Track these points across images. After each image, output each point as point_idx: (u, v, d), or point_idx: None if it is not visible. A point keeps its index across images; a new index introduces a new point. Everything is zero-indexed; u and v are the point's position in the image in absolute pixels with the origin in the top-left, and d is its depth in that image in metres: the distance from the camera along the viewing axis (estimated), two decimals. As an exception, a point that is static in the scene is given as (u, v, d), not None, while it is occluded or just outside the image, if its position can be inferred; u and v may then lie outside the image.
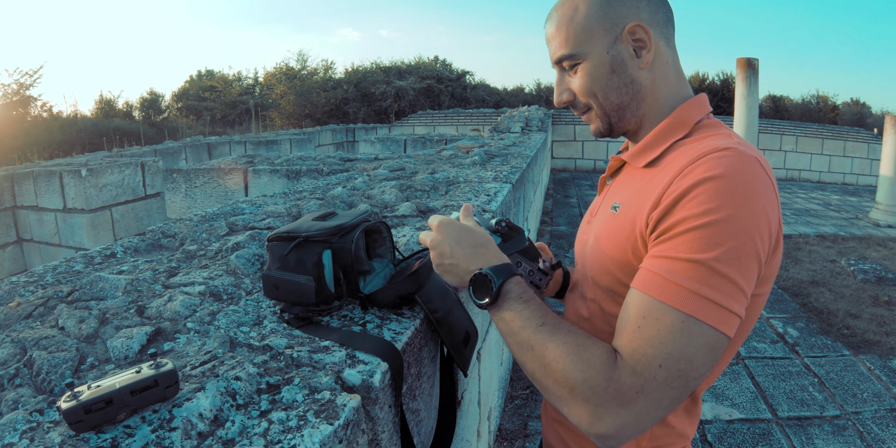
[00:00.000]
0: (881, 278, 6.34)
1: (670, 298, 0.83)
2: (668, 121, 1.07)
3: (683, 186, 0.88)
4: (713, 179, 0.86)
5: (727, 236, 0.83)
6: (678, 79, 1.11)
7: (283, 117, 23.98)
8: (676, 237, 0.86)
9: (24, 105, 18.19)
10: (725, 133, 1.01)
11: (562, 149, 16.20)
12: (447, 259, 1.03)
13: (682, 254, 0.84)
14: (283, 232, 1.09)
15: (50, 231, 6.39)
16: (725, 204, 0.84)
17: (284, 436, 0.73)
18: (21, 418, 0.77)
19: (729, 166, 0.87)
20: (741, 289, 0.83)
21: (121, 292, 1.24)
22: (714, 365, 0.84)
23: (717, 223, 0.83)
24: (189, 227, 1.80)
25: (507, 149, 4.48)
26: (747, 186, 0.85)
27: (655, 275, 0.86)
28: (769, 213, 0.87)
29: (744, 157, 0.89)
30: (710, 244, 0.82)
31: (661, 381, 0.81)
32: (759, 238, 0.85)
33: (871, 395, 3.93)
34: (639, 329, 0.85)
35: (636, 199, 0.99)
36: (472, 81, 27.73)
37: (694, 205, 0.85)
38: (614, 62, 1.05)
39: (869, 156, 15.25)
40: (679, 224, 0.86)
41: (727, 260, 0.82)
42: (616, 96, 1.07)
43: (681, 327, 0.82)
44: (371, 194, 2.37)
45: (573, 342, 0.88)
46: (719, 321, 0.82)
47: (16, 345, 1.00)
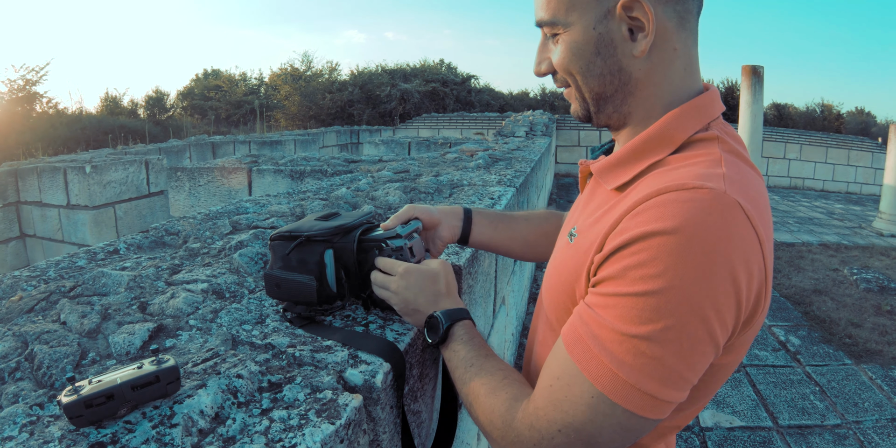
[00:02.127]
0: (884, 288, 6.32)
1: (586, 368, 0.73)
2: (651, 131, 0.85)
3: (626, 235, 0.72)
4: (660, 235, 0.68)
5: (666, 313, 0.67)
6: (687, 71, 0.87)
7: (288, 118, 24.02)
8: (609, 298, 0.73)
9: (29, 101, 18.23)
10: (716, 155, 0.79)
11: (566, 154, 16.20)
12: (411, 305, 1.02)
13: (610, 319, 0.71)
14: (285, 231, 1.09)
15: (53, 227, 6.40)
16: (670, 270, 0.67)
17: (285, 434, 0.73)
18: (21, 412, 0.77)
19: (689, 218, 0.68)
20: (676, 373, 0.69)
21: (123, 288, 1.24)
22: (631, 441, 0.75)
23: (654, 294, 0.68)
24: (192, 225, 1.80)
25: (512, 153, 4.47)
26: (706, 247, 0.67)
27: (580, 337, 0.75)
28: (739, 274, 0.69)
29: (718, 202, 0.69)
30: (642, 318, 0.68)
31: (559, 444, 0.75)
32: (714, 316, 0.68)
33: (872, 405, 3.92)
34: (550, 388, 0.77)
35: (593, 230, 0.84)
36: (477, 85, 27.75)
37: (632, 264, 0.70)
38: (600, 42, 0.84)
39: (873, 165, 15.23)
40: (612, 281, 0.73)
41: (662, 341, 0.68)
42: (597, 83, 0.88)
43: (589, 402, 0.72)
44: (375, 196, 2.37)
45: (489, 385, 0.87)
46: (638, 407, 0.70)
47: (17, 338, 1.00)
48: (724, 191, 0.70)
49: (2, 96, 17.54)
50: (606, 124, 0.94)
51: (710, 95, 0.87)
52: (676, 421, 0.92)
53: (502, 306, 2.73)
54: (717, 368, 0.81)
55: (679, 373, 0.69)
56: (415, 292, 1.01)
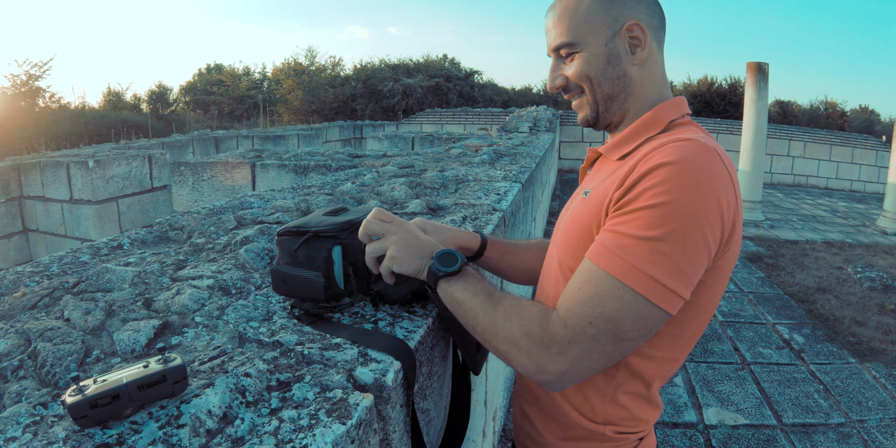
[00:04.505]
0: (888, 286, 6.30)
1: (612, 268, 0.90)
2: (644, 118, 1.12)
3: (643, 169, 0.94)
4: (668, 164, 0.91)
5: (672, 218, 0.88)
6: (662, 81, 1.18)
7: (291, 113, 23.98)
8: (628, 214, 0.92)
9: (32, 96, 18.20)
10: (694, 129, 1.08)
11: (569, 149, 16.17)
12: (412, 242, 1.08)
13: (630, 230, 0.91)
14: (293, 226, 1.07)
15: (56, 222, 6.39)
16: (675, 188, 0.89)
17: (296, 435, 0.71)
18: (24, 411, 0.75)
19: (685, 153, 0.92)
20: (682, 270, 0.89)
21: (128, 284, 1.22)
22: (646, 333, 0.92)
23: (664, 205, 0.88)
24: (197, 220, 1.79)
25: (516, 148, 4.45)
26: (700, 173, 0.90)
27: (605, 248, 0.93)
28: (721, 201, 0.91)
29: (702, 146, 0.95)
30: (655, 224, 0.88)
31: (590, 336, 0.90)
32: (707, 224, 0.89)
33: (876, 404, 3.91)
34: (578, 290, 0.93)
35: (605, 184, 1.05)
36: (481, 80, 27.69)
37: (648, 186, 0.91)
38: (610, 55, 1.11)
39: (877, 163, 15.18)
40: (632, 202, 0.92)
41: (671, 240, 0.88)
42: (608, 86, 1.13)
43: (615, 293, 0.89)
44: (380, 191, 2.35)
45: (516, 304, 0.98)
46: (654, 295, 0.88)
47: (20, 336, 0.98)
48: (706, 142, 0.96)
49: (5, 91, 17.52)
50: (609, 123, 1.18)
51: (681, 98, 1.17)
52: (664, 369, 1.09)
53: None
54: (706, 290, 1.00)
55: (683, 268, 0.89)
56: (417, 235, 1.10)
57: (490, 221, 1.84)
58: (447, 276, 1.04)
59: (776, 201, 12.47)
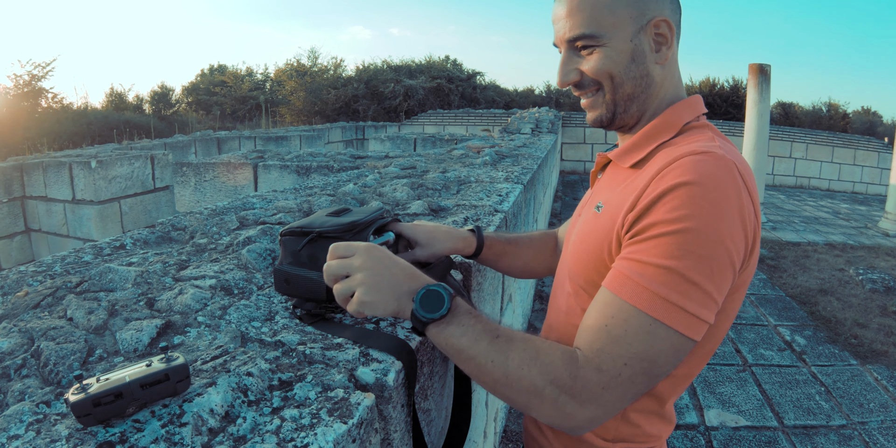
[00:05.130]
0: (889, 288, 6.30)
1: (640, 302, 0.85)
2: (657, 121, 1.06)
3: (658, 190, 0.88)
4: (686, 185, 0.86)
5: (699, 244, 0.83)
6: (678, 79, 1.12)
7: (293, 114, 24.01)
8: (649, 241, 0.87)
9: (35, 96, 18.23)
10: (709, 136, 1.01)
11: (571, 151, 16.17)
12: (385, 279, 0.93)
13: (653, 258, 0.85)
14: (296, 227, 1.07)
15: (58, 222, 6.40)
16: (696, 211, 0.84)
17: (297, 434, 0.71)
18: (27, 410, 0.76)
19: (703, 172, 0.87)
20: (711, 296, 0.85)
21: (130, 284, 1.23)
22: (677, 364, 0.88)
23: (688, 231, 0.84)
24: (199, 221, 1.79)
25: (518, 150, 4.45)
26: (721, 192, 0.85)
27: (627, 277, 0.87)
28: (744, 217, 0.87)
29: (720, 161, 0.89)
30: (681, 251, 0.84)
31: (626, 378, 0.84)
32: (732, 245, 0.85)
33: (877, 406, 3.90)
34: (606, 327, 0.87)
35: (617, 200, 0.99)
36: (483, 82, 27.69)
37: (667, 210, 0.86)
38: (636, 52, 1.03)
39: (879, 165, 15.16)
40: (652, 227, 0.87)
41: (698, 268, 0.83)
42: (630, 86, 1.05)
43: (648, 330, 0.84)
44: (382, 192, 2.36)
45: (532, 349, 0.89)
46: (686, 326, 0.84)
47: (23, 335, 0.99)
48: (723, 155, 0.90)
49: (8, 92, 17.55)
50: (624, 124, 1.11)
51: (697, 97, 1.11)
52: (679, 386, 1.05)
53: (509, 303, 2.71)
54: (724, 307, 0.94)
55: (711, 294, 0.84)
56: (387, 265, 0.95)
57: (492, 222, 1.84)
58: (436, 322, 0.92)
59: (778, 203, 12.46)
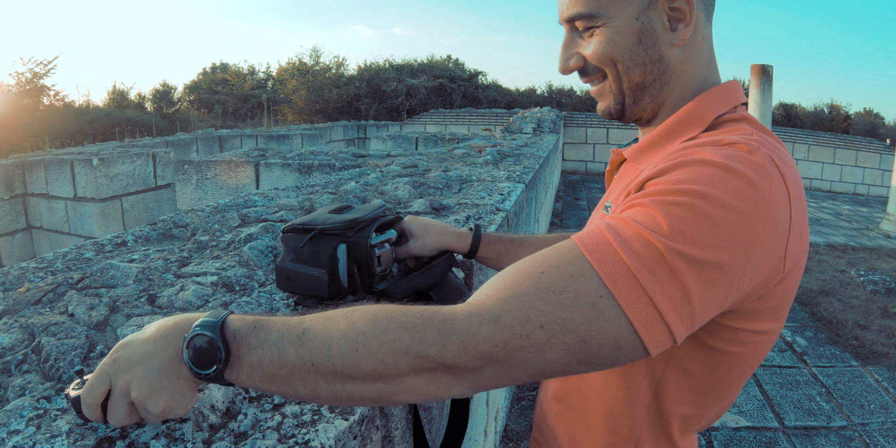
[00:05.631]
0: (890, 290, 6.29)
1: (601, 263, 0.63)
2: (680, 114, 0.88)
3: (664, 165, 0.73)
4: (707, 164, 0.68)
5: (699, 229, 0.63)
6: (710, 62, 0.92)
7: (295, 112, 24.02)
8: (640, 206, 0.68)
9: (37, 94, 18.25)
10: (748, 130, 0.80)
11: (573, 151, 16.16)
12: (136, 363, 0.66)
13: (640, 220, 0.66)
14: (298, 224, 1.07)
15: (60, 219, 6.40)
16: (712, 192, 0.65)
17: (298, 430, 0.71)
18: (28, 405, 0.76)
19: (733, 157, 0.69)
20: (690, 304, 0.63)
21: (131, 280, 1.23)
22: (608, 365, 0.66)
23: (690, 207, 0.64)
24: (201, 218, 1.79)
25: (520, 149, 4.45)
26: (749, 184, 0.66)
27: (599, 232, 0.67)
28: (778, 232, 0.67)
29: (755, 154, 0.70)
30: (676, 230, 0.63)
31: (535, 345, 0.62)
32: (744, 257, 0.65)
33: (878, 407, 3.90)
34: (541, 274, 0.65)
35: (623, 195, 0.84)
36: (485, 81, 27.69)
37: (671, 180, 0.69)
38: (643, 32, 0.86)
39: (881, 166, 15.15)
40: (648, 195, 0.69)
41: (686, 257, 0.62)
42: (638, 73, 0.88)
43: (594, 300, 0.62)
44: (384, 190, 2.36)
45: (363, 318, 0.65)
46: (644, 322, 0.62)
47: (24, 330, 0.99)
48: (758, 147, 0.72)
49: (10, 89, 17.57)
50: (639, 117, 0.95)
51: (733, 84, 0.90)
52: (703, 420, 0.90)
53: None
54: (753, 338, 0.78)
55: (689, 297, 0.62)
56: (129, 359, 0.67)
57: (493, 221, 1.84)
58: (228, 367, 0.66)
59: (780, 204, 12.43)
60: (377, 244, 1.09)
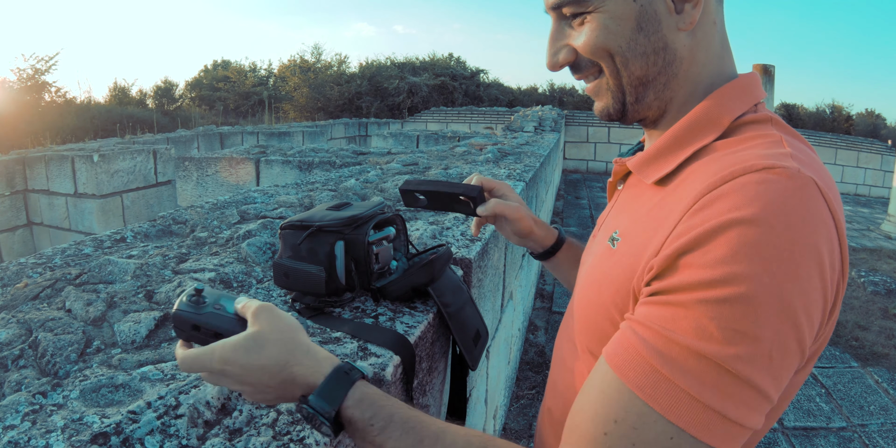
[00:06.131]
0: (891, 291, 6.28)
1: (658, 400, 0.57)
2: (692, 115, 0.75)
3: (696, 231, 0.60)
4: (742, 224, 0.57)
5: (755, 321, 0.55)
6: (723, 49, 0.79)
7: (296, 110, 24.04)
8: (677, 307, 0.59)
9: (38, 90, 18.26)
10: (775, 136, 0.69)
11: (574, 150, 16.15)
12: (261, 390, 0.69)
13: (684, 336, 0.57)
14: (296, 220, 1.07)
15: (60, 215, 6.41)
16: (758, 268, 0.56)
17: (293, 427, 0.71)
18: (24, 400, 0.75)
19: (770, 201, 0.57)
20: (764, 395, 0.57)
21: (129, 276, 1.22)
22: None
23: (741, 300, 0.56)
24: (200, 215, 1.79)
25: (521, 148, 4.45)
26: (796, 235, 0.57)
27: (639, 356, 0.60)
28: (826, 268, 0.58)
29: (795, 181, 0.59)
30: (727, 331, 0.56)
31: None
32: (804, 318, 0.57)
33: (877, 408, 3.89)
34: (605, 437, 0.60)
35: (638, 232, 0.72)
36: (486, 80, 27.73)
37: (710, 262, 0.58)
38: (643, 16, 0.73)
39: (882, 167, 15.14)
40: (685, 288, 0.59)
41: (752, 358, 0.55)
42: (640, 65, 0.75)
43: (668, 445, 0.57)
44: (384, 187, 2.35)
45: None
46: (724, 439, 0.57)
47: (21, 325, 0.98)
48: (798, 168, 0.60)
49: (11, 85, 17.58)
50: (643, 117, 0.82)
51: (752, 76, 0.79)
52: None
53: (510, 301, 2.71)
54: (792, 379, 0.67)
55: (766, 393, 0.57)
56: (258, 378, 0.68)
57: (493, 219, 1.83)
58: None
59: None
60: (375, 241, 1.09)
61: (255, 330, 0.68)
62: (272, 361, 0.67)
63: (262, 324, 0.69)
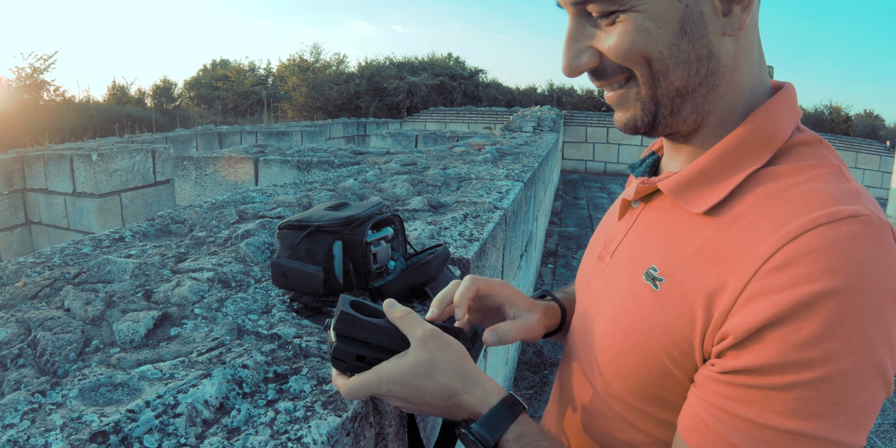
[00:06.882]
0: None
1: None
2: (741, 133, 0.67)
3: (786, 301, 0.54)
4: (839, 296, 0.52)
5: (849, 391, 0.53)
6: (761, 57, 0.71)
7: (295, 109, 24.05)
8: (771, 391, 0.55)
9: (37, 89, 18.26)
10: (834, 166, 0.64)
11: (573, 150, 16.16)
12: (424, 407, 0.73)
13: (777, 420, 0.55)
14: (295, 220, 1.07)
15: (59, 214, 6.40)
16: (855, 340, 0.52)
17: (291, 426, 0.71)
18: (23, 399, 0.76)
19: (863, 263, 0.53)
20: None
21: (128, 276, 1.23)
22: None
23: (837, 377, 0.53)
24: (199, 214, 1.79)
25: (519, 148, 4.45)
26: (883, 294, 0.53)
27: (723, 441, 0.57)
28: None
29: (878, 233, 0.55)
30: (823, 407, 0.53)
31: None
32: (891, 370, 0.55)
33: (875, 408, 3.90)
34: None
35: (692, 274, 0.64)
36: (485, 80, 27.74)
37: (805, 342, 0.53)
38: (687, 18, 0.63)
39: (881, 168, 15.16)
40: (777, 370, 0.55)
41: (846, 423, 0.54)
42: (681, 75, 0.66)
43: None
44: (382, 187, 2.36)
45: None
46: None
47: (20, 325, 0.99)
48: (877, 216, 0.56)
49: (10, 84, 17.58)
50: (674, 132, 0.73)
51: (793, 89, 0.72)
52: None
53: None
54: None
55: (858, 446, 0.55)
56: (424, 400, 0.71)
57: (491, 219, 1.84)
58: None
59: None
60: (373, 241, 1.09)
61: (427, 357, 0.70)
62: (442, 389, 0.70)
63: (432, 351, 0.70)
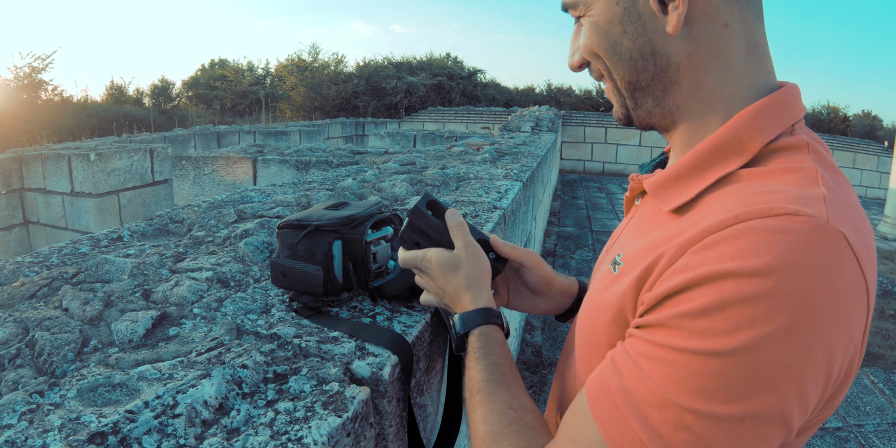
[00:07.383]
0: (887, 292, 6.30)
1: (610, 434, 0.57)
2: (717, 137, 0.68)
3: (691, 273, 0.55)
4: (741, 277, 0.51)
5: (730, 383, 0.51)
6: (751, 55, 0.70)
7: (294, 109, 24.04)
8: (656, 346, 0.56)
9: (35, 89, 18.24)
10: (810, 170, 0.62)
11: (571, 150, 16.16)
12: (445, 298, 0.94)
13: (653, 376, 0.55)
14: (294, 220, 1.07)
15: (57, 214, 6.39)
16: (749, 329, 0.50)
17: (291, 426, 0.71)
18: (21, 399, 0.75)
19: (781, 256, 0.50)
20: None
21: (126, 275, 1.22)
22: None
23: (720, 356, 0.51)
24: (197, 214, 1.79)
25: (518, 147, 4.45)
26: (805, 302, 0.50)
27: (608, 389, 0.59)
28: (838, 346, 0.51)
29: (819, 236, 0.52)
30: (695, 384, 0.52)
31: None
32: (796, 395, 0.51)
33: (873, 409, 3.90)
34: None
35: (640, 260, 0.66)
36: (484, 80, 27.74)
37: (696, 309, 0.53)
38: (626, 17, 0.70)
39: (879, 169, 15.17)
40: (667, 327, 0.56)
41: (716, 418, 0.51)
42: (627, 70, 0.73)
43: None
44: (381, 187, 2.35)
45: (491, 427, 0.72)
46: None
47: (18, 325, 0.98)
48: (826, 219, 0.53)
49: (8, 83, 17.56)
50: (650, 124, 0.78)
51: (791, 91, 0.70)
52: None
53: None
54: None
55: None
56: (441, 284, 0.93)
57: (490, 219, 1.83)
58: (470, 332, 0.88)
59: (777, 205, 12.45)
60: (373, 241, 1.08)
61: (460, 259, 0.92)
62: (456, 281, 0.91)
63: (464, 257, 0.92)
